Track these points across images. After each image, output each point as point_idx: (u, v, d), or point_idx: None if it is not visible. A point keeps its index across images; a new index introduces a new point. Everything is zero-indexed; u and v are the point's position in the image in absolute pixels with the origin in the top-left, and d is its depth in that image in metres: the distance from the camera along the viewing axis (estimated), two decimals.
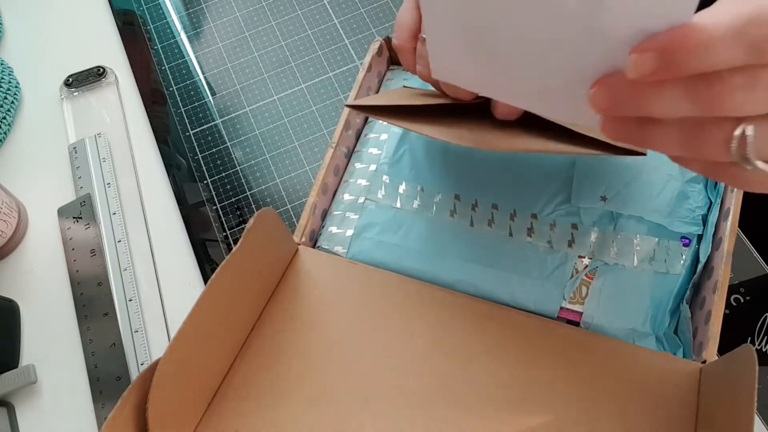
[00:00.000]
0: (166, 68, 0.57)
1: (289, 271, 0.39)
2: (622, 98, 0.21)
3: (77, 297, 0.47)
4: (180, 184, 0.51)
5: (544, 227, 0.38)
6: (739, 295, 0.41)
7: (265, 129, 0.53)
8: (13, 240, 0.49)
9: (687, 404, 0.33)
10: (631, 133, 0.23)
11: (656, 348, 0.35)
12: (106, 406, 0.43)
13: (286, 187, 0.50)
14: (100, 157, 0.52)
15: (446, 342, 0.36)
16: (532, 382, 0.34)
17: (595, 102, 0.22)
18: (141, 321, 0.45)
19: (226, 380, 0.36)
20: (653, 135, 0.22)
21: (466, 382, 0.35)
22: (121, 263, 0.47)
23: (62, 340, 0.46)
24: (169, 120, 0.55)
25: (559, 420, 0.33)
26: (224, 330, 0.35)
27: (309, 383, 0.36)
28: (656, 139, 0.22)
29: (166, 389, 0.30)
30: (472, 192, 0.40)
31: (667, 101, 0.20)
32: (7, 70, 0.56)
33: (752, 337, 0.40)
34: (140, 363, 0.44)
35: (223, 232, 0.49)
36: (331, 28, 0.57)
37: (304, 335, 0.37)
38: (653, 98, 0.20)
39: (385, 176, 0.42)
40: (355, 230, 0.41)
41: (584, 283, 0.37)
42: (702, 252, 0.36)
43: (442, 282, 0.38)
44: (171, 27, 0.59)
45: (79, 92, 0.55)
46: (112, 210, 0.49)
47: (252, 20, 0.59)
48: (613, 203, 0.38)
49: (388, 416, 0.34)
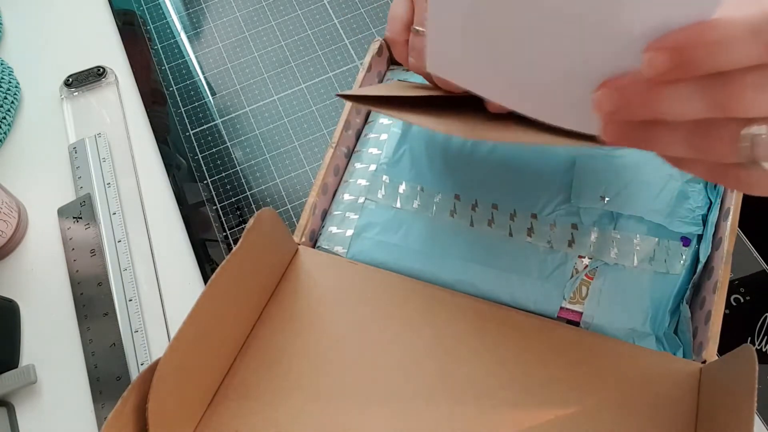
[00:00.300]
0: (166, 68, 0.57)
1: (289, 271, 0.39)
2: (631, 100, 0.21)
3: (77, 297, 0.47)
4: (180, 184, 0.51)
5: (544, 227, 0.38)
6: (739, 295, 0.41)
7: (265, 129, 0.53)
8: (13, 240, 0.49)
9: (687, 404, 0.33)
10: (636, 136, 0.22)
11: (656, 348, 0.35)
12: (106, 406, 0.42)
13: (286, 187, 0.50)
14: (100, 157, 0.52)
15: (446, 342, 0.36)
16: (531, 382, 0.34)
17: (600, 105, 0.22)
18: (141, 321, 0.45)
19: (226, 380, 0.36)
20: (659, 137, 0.22)
21: (466, 382, 0.35)
22: (121, 263, 0.47)
23: (62, 340, 0.46)
24: (169, 120, 0.55)
25: (559, 420, 0.33)
26: (224, 330, 0.35)
27: (309, 383, 0.36)
28: (662, 141, 0.22)
29: (166, 389, 0.30)
30: (472, 192, 0.40)
31: (679, 102, 0.20)
32: (7, 70, 0.56)
33: (752, 337, 0.40)
34: (140, 363, 0.44)
35: (223, 232, 0.49)
36: (331, 28, 0.57)
37: (304, 335, 0.37)
38: (665, 99, 0.20)
39: (385, 176, 0.42)
40: (355, 230, 0.41)
41: (584, 283, 0.37)
42: (702, 252, 0.36)
43: (442, 282, 0.38)
44: (171, 27, 0.59)
45: (79, 92, 0.55)
46: (112, 210, 0.49)
47: (252, 20, 0.59)
48: (613, 203, 0.38)
49: (388, 416, 0.34)
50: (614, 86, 0.21)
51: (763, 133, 0.20)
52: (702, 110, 0.20)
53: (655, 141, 0.22)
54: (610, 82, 0.21)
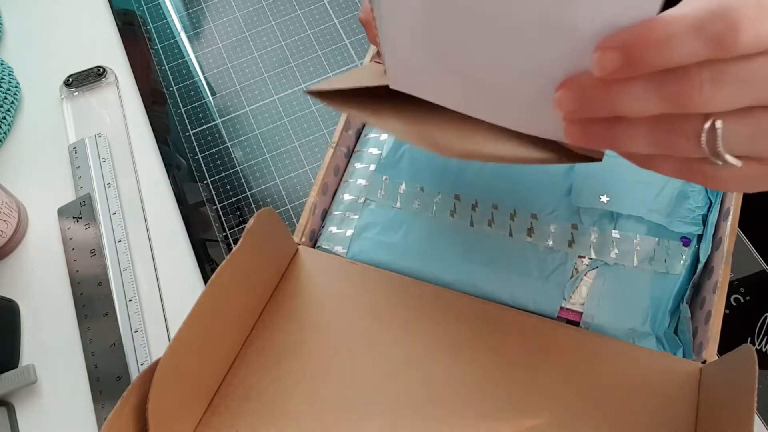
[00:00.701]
0: (166, 68, 0.57)
1: (289, 271, 0.39)
2: (589, 98, 0.21)
3: (77, 297, 0.47)
4: (180, 184, 0.51)
5: (544, 227, 0.38)
6: (739, 295, 0.41)
7: (265, 129, 0.53)
8: (13, 240, 0.49)
9: (687, 404, 0.33)
10: (598, 135, 0.22)
11: (656, 348, 0.35)
12: (106, 406, 0.42)
13: (286, 187, 0.50)
14: (100, 157, 0.52)
15: (446, 342, 0.36)
16: (532, 382, 0.34)
17: (560, 104, 0.22)
18: (141, 321, 0.45)
19: (226, 380, 0.36)
20: (622, 134, 0.22)
21: (466, 381, 0.35)
22: (121, 263, 0.47)
23: (62, 340, 0.46)
24: (169, 120, 0.55)
25: (559, 420, 0.33)
26: (224, 330, 0.35)
27: (309, 383, 0.36)
28: (625, 138, 0.22)
29: (166, 389, 0.30)
30: (472, 192, 0.40)
31: (636, 98, 0.20)
32: (7, 70, 0.56)
33: (752, 337, 0.40)
34: (140, 363, 0.44)
35: (223, 232, 0.49)
36: (331, 28, 0.57)
37: (304, 335, 0.37)
38: (621, 96, 0.20)
39: (385, 176, 0.42)
40: (355, 230, 0.41)
41: (584, 283, 0.37)
42: (702, 252, 0.36)
43: (442, 282, 0.38)
44: (171, 27, 0.59)
45: (79, 92, 0.55)
46: (112, 210, 0.49)
47: (252, 20, 0.59)
48: (613, 203, 0.38)
49: (388, 415, 0.34)
50: (573, 85, 0.21)
51: (719, 126, 0.20)
52: (658, 106, 0.20)
53: (618, 139, 0.22)
54: (570, 81, 0.21)
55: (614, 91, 0.20)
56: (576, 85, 0.21)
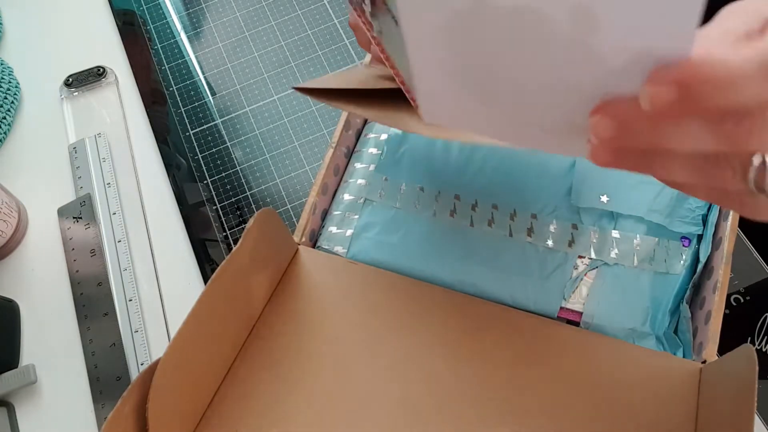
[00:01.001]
0: (166, 68, 0.57)
1: (289, 271, 0.39)
2: (631, 129, 0.20)
3: (77, 297, 0.47)
4: (180, 184, 0.51)
5: (544, 227, 0.38)
6: (739, 295, 0.41)
7: (265, 129, 0.53)
8: (13, 240, 0.49)
9: (687, 404, 0.33)
10: (632, 161, 0.21)
11: (656, 348, 0.35)
12: (106, 406, 0.42)
13: (286, 187, 0.50)
14: (100, 157, 0.52)
15: (446, 342, 0.36)
16: (531, 381, 0.34)
17: (597, 130, 0.20)
18: (141, 321, 0.45)
19: (226, 380, 0.36)
20: (661, 166, 0.21)
21: (466, 381, 0.35)
22: (121, 263, 0.47)
23: (62, 340, 0.46)
24: (169, 120, 0.55)
25: (559, 420, 0.33)
26: (224, 330, 0.35)
27: (309, 383, 0.36)
28: (664, 169, 0.21)
29: (166, 389, 0.30)
30: (472, 192, 0.40)
31: (688, 135, 0.19)
32: (7, 70, 0.56)
33: (752, 337, 0.40)
34: (140, 363, 0.44)
35: (223, 232, 0.49)
36: (331, 28, 0.57)
37: (304, 335, 0.37)
38: (670, 131, 0.19)
39: (385, 176, 0.42)
40: (355, 230, 0.41)
41: (584, 283, 0.37)
42: (702, 252, 0.36)
43: (442, 282, 0.38)
44: (171, 27, 0.59)
45: (79, 92, 0.55)
46: (112, 210, 0.49)
47: (252, 20, 0.59)
48: (613, 203, 0.38)
49: (388, 415, 0.34)
50: (614, 112, 0.20)
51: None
52: (712, 145, 0.19)
53: (655, 168, 0.21)
54: (609, 106, 0.20)
55: (662, 125, 0.19)
56: (617, 112, 0.20)
